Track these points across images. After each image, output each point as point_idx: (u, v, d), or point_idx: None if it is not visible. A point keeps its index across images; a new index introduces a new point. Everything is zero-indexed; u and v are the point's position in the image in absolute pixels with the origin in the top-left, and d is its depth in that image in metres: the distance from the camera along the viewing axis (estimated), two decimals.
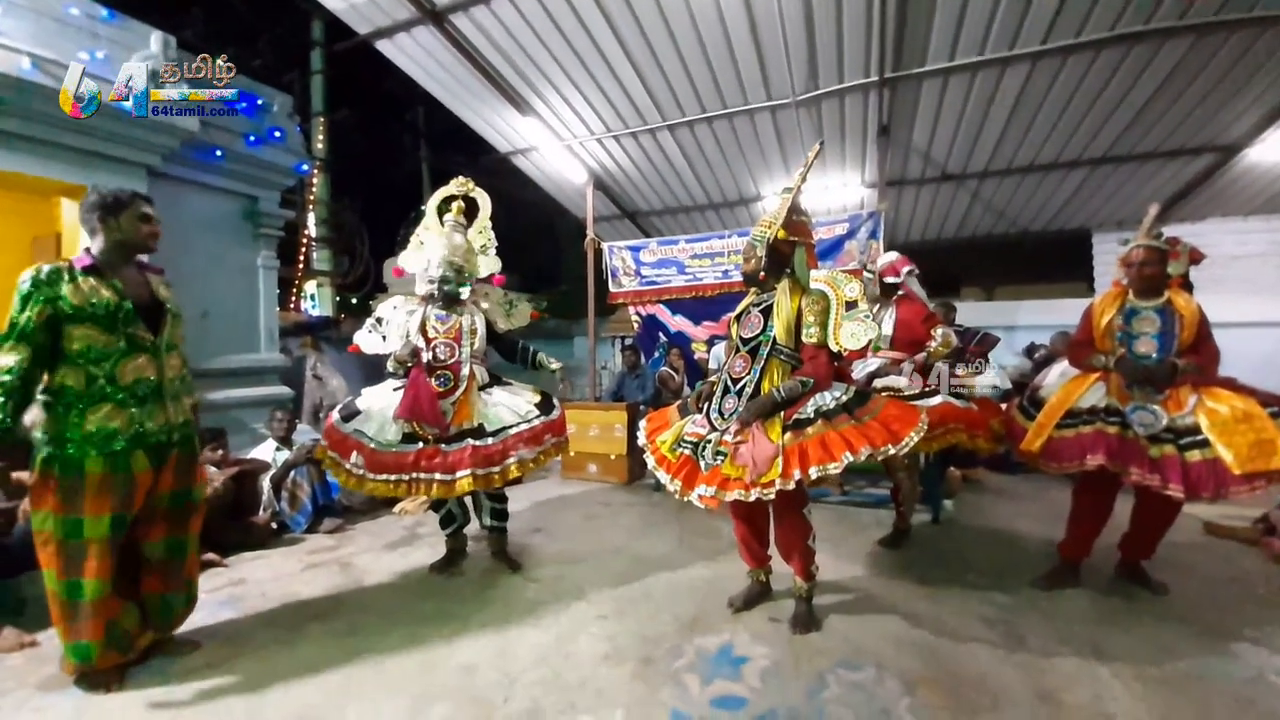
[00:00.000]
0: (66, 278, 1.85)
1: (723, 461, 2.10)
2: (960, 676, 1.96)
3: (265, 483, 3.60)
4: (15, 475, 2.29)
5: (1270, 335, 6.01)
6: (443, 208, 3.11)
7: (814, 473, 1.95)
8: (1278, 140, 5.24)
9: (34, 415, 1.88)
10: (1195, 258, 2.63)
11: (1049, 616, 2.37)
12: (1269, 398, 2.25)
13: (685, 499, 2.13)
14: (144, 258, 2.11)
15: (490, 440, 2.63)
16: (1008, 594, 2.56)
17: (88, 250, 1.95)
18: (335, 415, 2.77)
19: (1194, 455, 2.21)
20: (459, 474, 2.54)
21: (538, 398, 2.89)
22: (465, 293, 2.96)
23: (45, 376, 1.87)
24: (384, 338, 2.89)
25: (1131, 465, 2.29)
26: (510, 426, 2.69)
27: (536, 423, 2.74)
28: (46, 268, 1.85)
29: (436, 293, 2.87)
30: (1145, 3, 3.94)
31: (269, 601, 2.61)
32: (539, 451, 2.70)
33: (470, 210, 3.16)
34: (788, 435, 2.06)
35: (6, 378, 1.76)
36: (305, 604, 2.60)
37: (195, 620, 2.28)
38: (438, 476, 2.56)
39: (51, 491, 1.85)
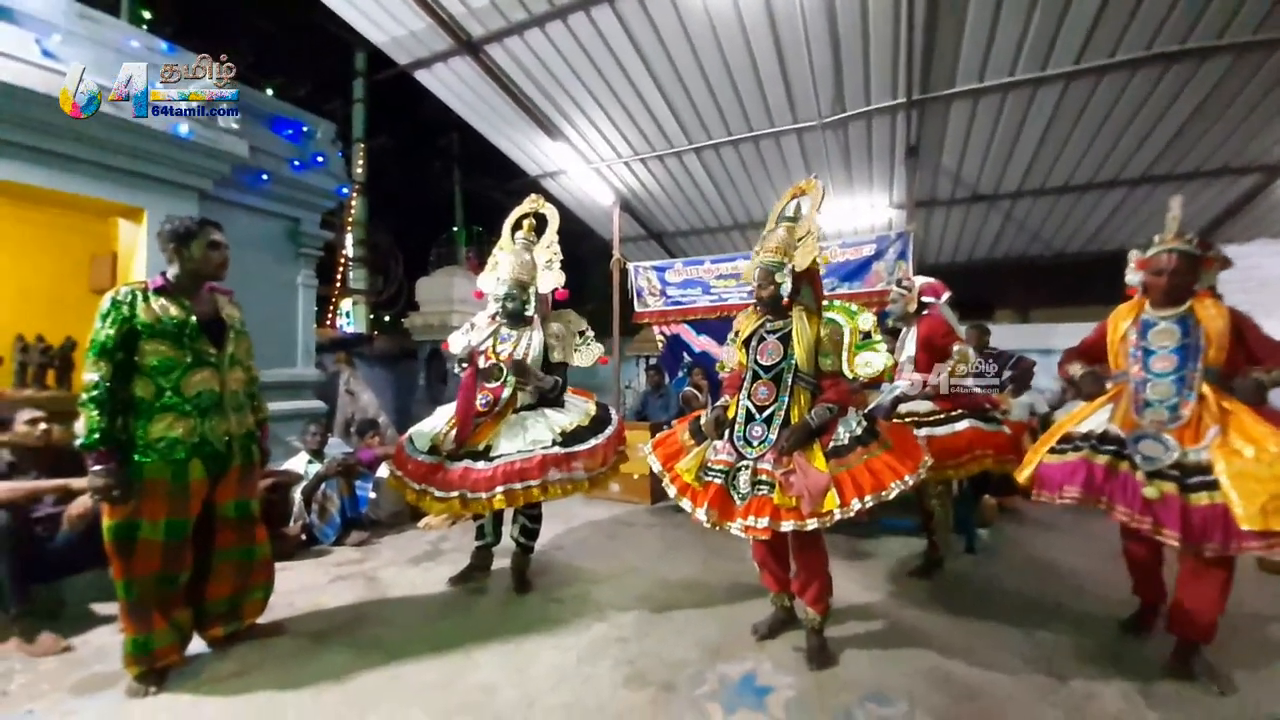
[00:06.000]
0: (140, 298, 2.01)
1: (766, 491, 2.08)
2: (997, 716, 1.87)
3: (296, 494, 3.69)
4: (63, 482, 2.41)
5: None
6: (515, 226, 3.18)
7: (869, 500, 1.95)
8: None
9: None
10: (1225, 265, 2.23)
11: (1091, 654, 2.24)
12: None
13: (721, 528, 2.11)
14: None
15: (482, 465, 2.61)
16: (1046, 629, 2.45)
17: (163, 274, 2.11)
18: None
19: (1200, 498, 1.88)
20: (450, 494, 2.58)
21: (572, 425, 2.78)
22: (530, 310, 2.97)
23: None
24: (470, 341, 2.96)
25: (1117, 501, 2.05)
26: (510, 454, 2.61)
27: (540, 453, 2.60)
28: (124, 289, 2.02)
29: (502, 310, 2.93)
30: (1182, 22, 3.87)
31: (295, 611, 2.65)
32: (531, 485, 2.54)
33: (540, 227, 3.21)
34: (832, 463, 2.05)
35: (95, 391, 1.90)
36: (330, 614, 2.64)
37: None
38: (435, 493, 2.62)
39: None
